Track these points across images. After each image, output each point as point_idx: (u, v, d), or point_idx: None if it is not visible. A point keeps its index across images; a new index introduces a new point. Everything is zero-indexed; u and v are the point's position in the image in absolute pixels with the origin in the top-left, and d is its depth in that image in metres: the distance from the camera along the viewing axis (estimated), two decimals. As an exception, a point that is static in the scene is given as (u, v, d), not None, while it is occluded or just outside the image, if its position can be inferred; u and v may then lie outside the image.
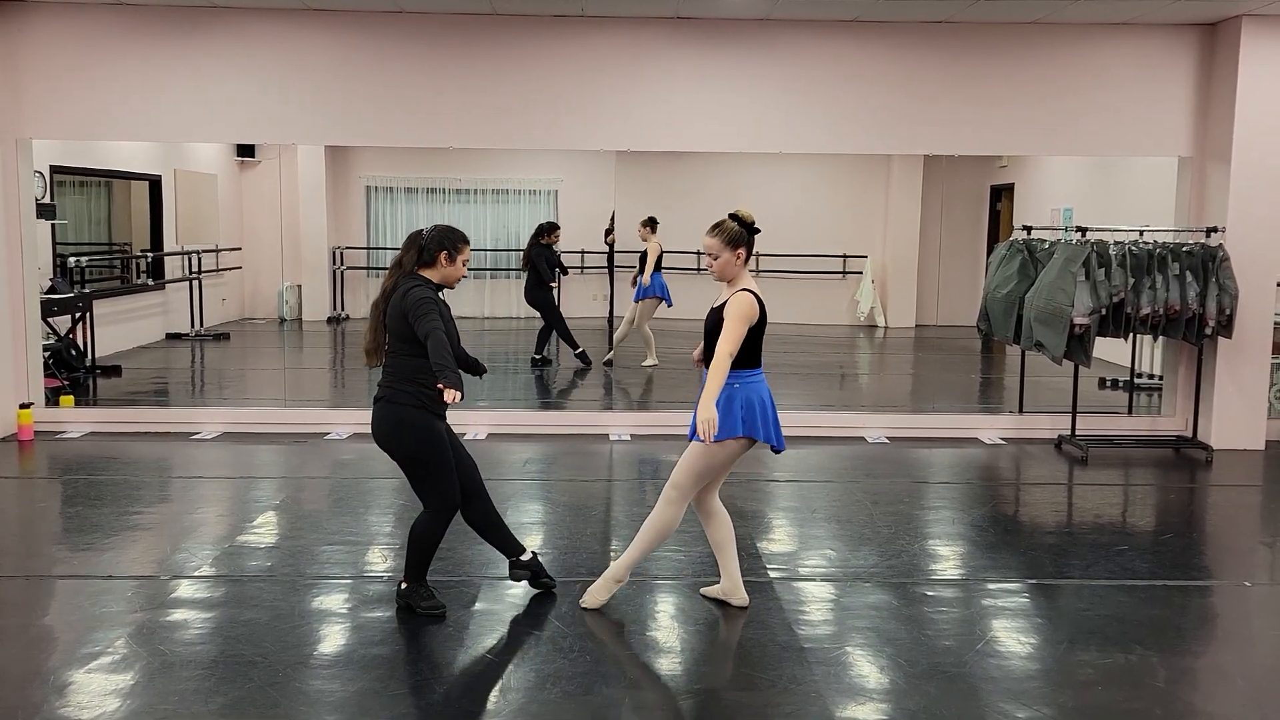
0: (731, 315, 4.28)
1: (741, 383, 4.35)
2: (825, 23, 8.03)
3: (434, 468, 4.37)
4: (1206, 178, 8.09)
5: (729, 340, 4.25)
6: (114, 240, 12.37)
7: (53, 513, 6.23)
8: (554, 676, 3.98)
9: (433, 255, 4.40)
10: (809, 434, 8.14)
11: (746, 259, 4.40)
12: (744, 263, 4.40)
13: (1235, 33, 7.73)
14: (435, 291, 4.41)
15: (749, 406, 4.35)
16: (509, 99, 8.04)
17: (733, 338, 4.26)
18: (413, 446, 4.35)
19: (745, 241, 4.38)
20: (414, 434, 4.33)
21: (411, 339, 4.27)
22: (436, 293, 4.41)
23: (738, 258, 4.37)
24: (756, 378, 4.41)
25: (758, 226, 4.44)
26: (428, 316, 4.21)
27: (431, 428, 4.36)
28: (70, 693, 3.80)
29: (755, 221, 4.43)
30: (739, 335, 4.27)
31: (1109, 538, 5.85)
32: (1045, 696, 3.87)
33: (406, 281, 4.38)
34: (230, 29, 7.91)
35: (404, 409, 4.32)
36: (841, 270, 15.28)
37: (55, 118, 7.97)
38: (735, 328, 4.27)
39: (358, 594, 4.82)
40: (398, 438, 4.35)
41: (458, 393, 4.10)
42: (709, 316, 4.43)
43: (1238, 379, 7.99)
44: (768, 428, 4.40)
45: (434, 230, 4.45)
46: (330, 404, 9.68)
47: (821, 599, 4.83)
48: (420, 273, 4.42)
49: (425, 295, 4.29)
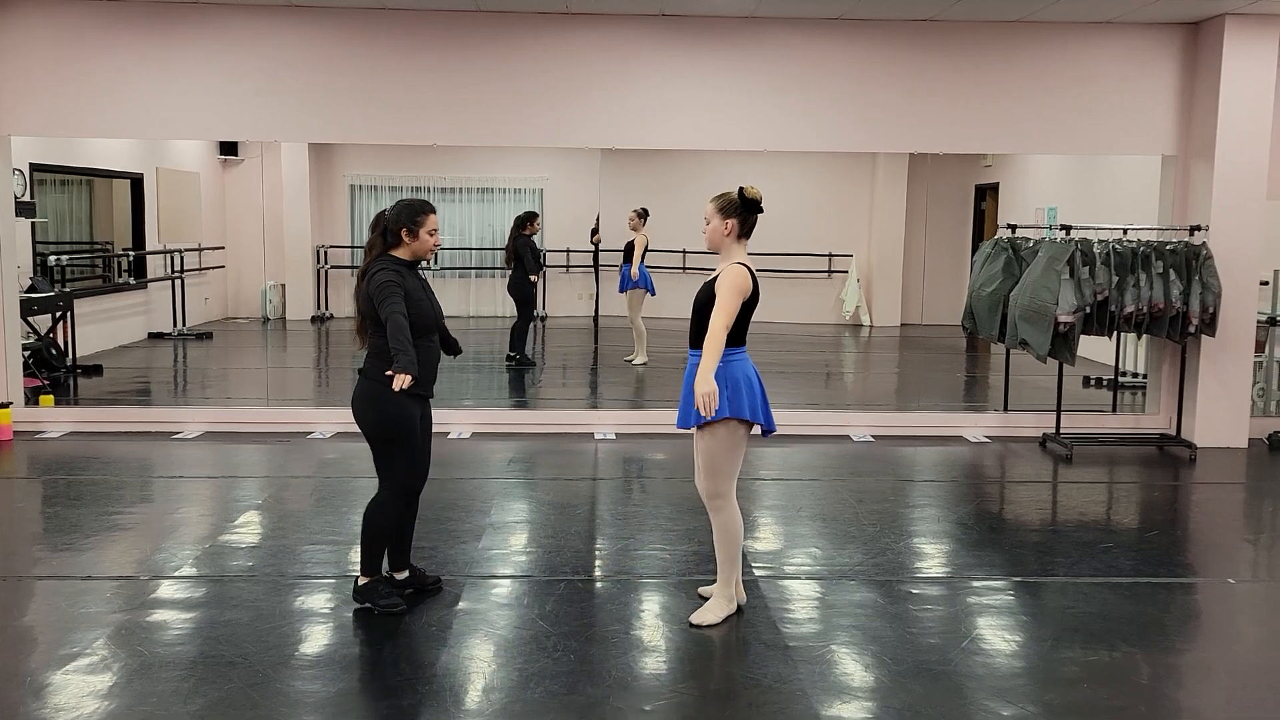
0: (724, 286, 4.18)
1: (726, 361, 4.23)
2: (810, 20, 8.02)
3: (397, 445, 4.41)
4: (1190, 176, 8.12)
5: (724, 312, 4.14)
6: (95, 239, 12.28)
7: (32, 513, 6.17)
8: (537, 676, 3.96)
9: (396, 236, 4.43)
10: (795, 432, 8.13)
11: (740, 234, 4.30)
12: (735, 236, 4.30)
13: (1218, 32, 7.76)
14: (405, 270, 4.41)
15: (734, 386, 4.24)
16: (493, 96, 8.00)
17: (728, 309, 4.14)
18: (377, 420, 4.39)
19: (738, 214, 4.28)
20: (381, 409, 4.37)
21: (379, 320, 4.34)
22: (409, 270, 4.44)
23: (727, 228, 4.28)
24: (741, 356, 4.32)
25: (761, 206, 4.32)
26: (388, 301, 4.27)
27: (401, 406, 4.36)
28: (48, 694, 3.76)
29: (762, 200, 4.30)
30: (734, 307, 4.16)
31: (1093, 535, 5.86)
32: (1030, 694, 3.87)
33: (375, 265, 4.41)
34: (212, 25, 7.85)
35: (375, 385, 4.35)
36: (827, 269, 15.29)
37: (35, 114, 7.90)
38: (730, 298, 4.16)
39: (340, 594, 4.78)
40: (368, 411, 4.41)
41: (406, 377, 4.16)
42: (700, 292, 4.30)
43: (1221, 377, 8.02)
44: (755, 406, 4.30)
45: (393, 209, 4.46)
46: (313, 403, 9.62)
47: (807, 597, 4.82)
48: (392, 253, 4.44)
49: (386, 279, 4.32)
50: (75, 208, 11.86)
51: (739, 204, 4.29)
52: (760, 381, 4.37)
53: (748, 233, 4.35)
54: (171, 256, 13.07)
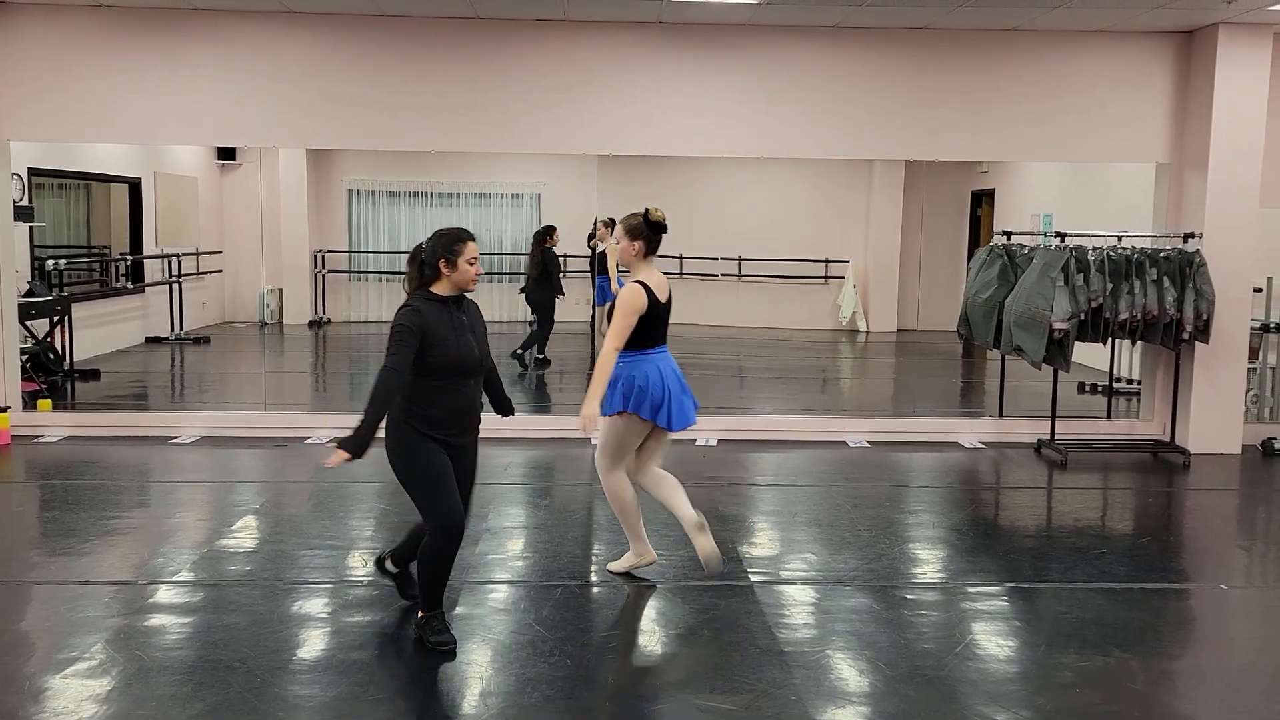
0: (618, 309, 4.62)
1: (626, 362, 4.67)
2: (807, 28, 8.06)
3: (418, 486, 4.20)
4: (1184, 184, 8.16)
5: (614, 335, 4.58)
6: (93, 243, 12.29)
7: (30, 517, 6.18)
8: (534, 681, 3.98)
9: (434, 269, 4.19)
10: (790, 438, 8.16)
11: (646, 252, 4.72)
12: (641, 255, 4.72)
13: (1212, 40, 7.80)
14: (436, 309, 4.16)
15: (629, 384, 4.67)
16: (491, 102, 8.03)
17: (616, 331, 4.58)
18: (394, 462, 4.21)
19: (643, 235, 4.69)
20: (397, 450, 4.20)
21: None
22: (444, 308, 4.19)
23: (635, 249, 4.70)
24: (643, 357, 4.69)
25: (665, 226, 4.74)
26: (389, 349, 4.06)
27: (416, 447, 4.16)
28: (46, 699, 3.77)
29: (665, 221, 4.73)
30: (623, 329, 4.58)
31: (1088, 541, 5.88)
32: (1024, 699, 3.89)
33: (405, 303, 4.20)
34: (211, 31, 7.88)
35: (394, 422, 4.18)
36: (823, 275, 15.30)
37: (34, 119, 7.92)
38: (620, 321, 4.59)
39: (338, 598, 4.80)
40: (388, 450, 4.23)
41: (342, 455, 3.91)
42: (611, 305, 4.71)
43: (1215, 384, 8.05)
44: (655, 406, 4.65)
45: (430, 240, 4.23)
46: (311, 408, 9.64)
47: (802, 602, 4.84)
48: (431, 289, 4.21)
49: (400, 324, 4.10)
50: (73, 212, 11.87)
51: (644, 226, 4.71)
52: (678, 377, 4.78)
53: (654, 250, 4.76)
54: (169, 261, 13.07)
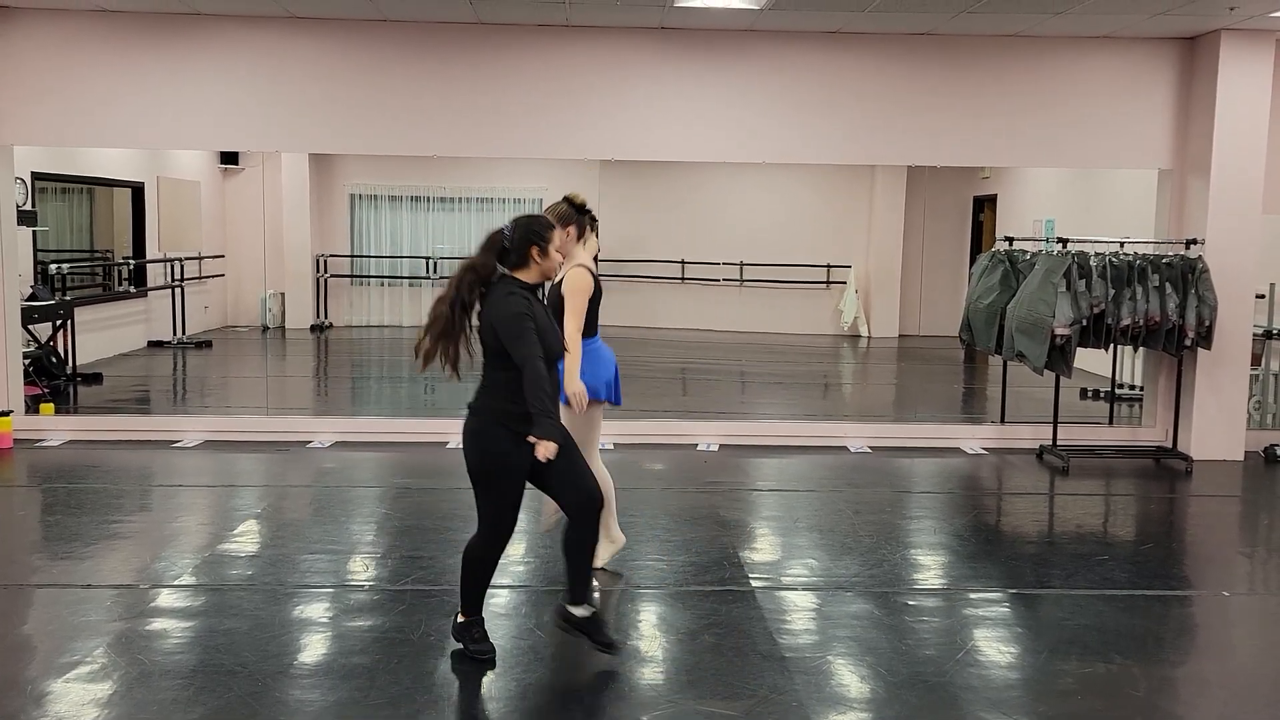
0: (570, 291, 4.71)
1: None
2: (809, 34, 8.07)
3: (494, 490, 4.03)
4: (1186, 190, 8.16)
5: (575, 315, 4.69)
6: (96, 247, 12.31)
7: (32, 521, 6.18)
8: (535, 686, 3.98)
9: (524, 255, 3.96)
10: (792, 443, 8.16)
11: (579, 236, 4.86)
12: (575, 239, 4.84)
13: (1214, 47, 7.81)
14: (531, 297, 3.99)
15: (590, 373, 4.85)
16: (493, 107, 8.04)
17: (578, 311, 4.70)
18: (478, 460, 4.01)
19: (575, 220, 4.83)
20: (483, 448, 4.00)
21: (499, 352, 3.91)
22: (534, 296, 4.02)
23: (569, 234, 4.79)
24: (592, 345, 4.88)
25: (587, 208, 4.91)
26: (523, 339, 3.83)
27: (506, 449, 3.95)
28: (48, 702, 3.78)
29: (587, 203, 4.91)
30: (582, 308, 4.72)
31: (1089, 548, 5.88)
32: (1025, 706, 3.89)
33: (502, 286, 3.95)
34: (213, 36, 7.89)
35: (483, 421, 3.99)
36: (825, 280, 15.33)
37: (36, 124, 7.93)
38: (576, 302, 4.70)
39: (339, 603, 4.80)
40: (469, 447, 4.05)
41: (553, 446, 3.80)
42: (550, 295, 4.74)
43: (1217, 390, 8.05)
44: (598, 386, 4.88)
45: (516, 227, 3.98)
46: (313, 412, 9.64)
47: (803, 608, 4.84)
48: (516, 274, 3.99)
49: (520, 310, 3.86)
50: (76, 216, 11.90)
51: (572, 211, 4.85)
52: (613, 362, 5.03)
53: (583, 233, 4.92)
54: (172, 265, 13.10)
